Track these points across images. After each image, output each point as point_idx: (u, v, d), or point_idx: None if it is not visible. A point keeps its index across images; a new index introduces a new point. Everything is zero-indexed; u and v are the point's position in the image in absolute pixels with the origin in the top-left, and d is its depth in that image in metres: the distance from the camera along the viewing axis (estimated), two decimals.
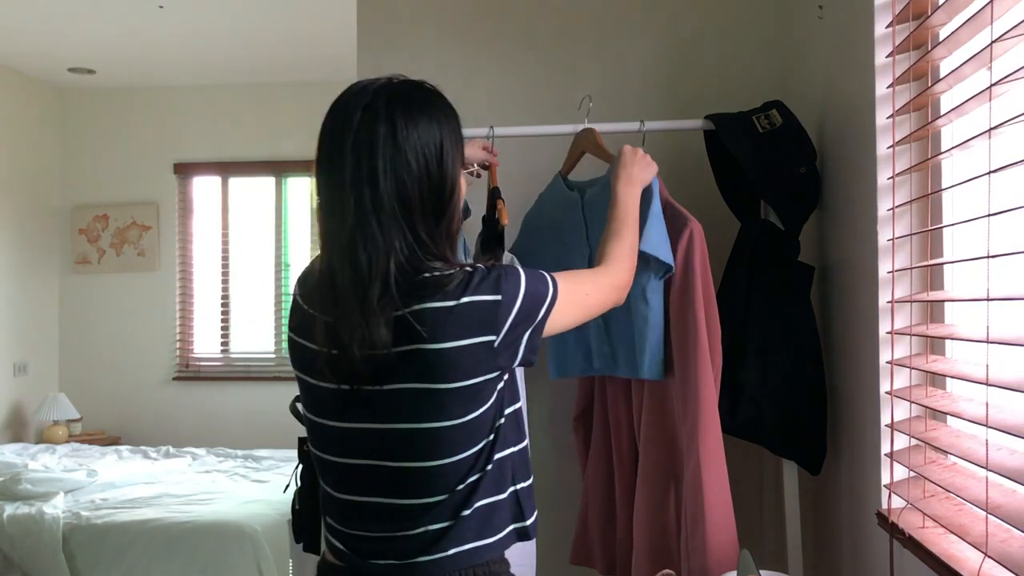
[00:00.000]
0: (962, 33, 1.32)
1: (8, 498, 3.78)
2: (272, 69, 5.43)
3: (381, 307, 1.15)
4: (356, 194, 1.17)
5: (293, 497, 2.16)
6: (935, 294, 1.49)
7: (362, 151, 1.17)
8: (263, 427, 5.44)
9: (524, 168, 2.23)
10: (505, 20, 2.49)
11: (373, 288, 1.15)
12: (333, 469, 1.28)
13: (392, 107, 1.19)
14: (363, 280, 1.16)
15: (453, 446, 1.21)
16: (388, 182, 1.16)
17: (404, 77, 1.26)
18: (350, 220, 1.17)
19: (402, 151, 1.17)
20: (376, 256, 1.16)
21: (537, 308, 1.26)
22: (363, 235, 1.16)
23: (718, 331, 1.83)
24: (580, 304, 1.38)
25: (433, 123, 1.21)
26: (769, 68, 2.36)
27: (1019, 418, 1.17)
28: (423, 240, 1.19)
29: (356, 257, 1.16)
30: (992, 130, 1.20)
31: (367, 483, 1.25)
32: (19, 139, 5.54)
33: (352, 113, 1.19)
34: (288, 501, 2.55)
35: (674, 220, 1.86)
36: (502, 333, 1.20)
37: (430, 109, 1.22)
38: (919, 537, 1.41)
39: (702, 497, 1.75)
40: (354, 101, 1.21)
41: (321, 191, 1.22)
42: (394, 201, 1.17)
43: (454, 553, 1.22)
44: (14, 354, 5.46)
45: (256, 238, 5.90)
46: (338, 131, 1.20)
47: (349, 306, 1.16)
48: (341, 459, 1.27)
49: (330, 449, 1.28)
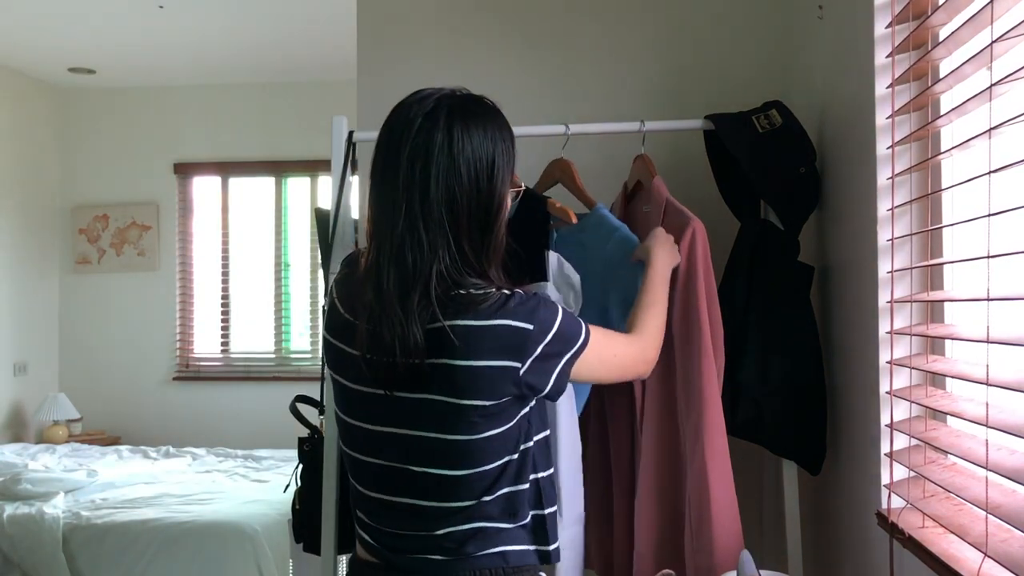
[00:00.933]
0: (962, 33, 1.32)
1: (8, 498, 3.78)
2: (272, 69, 5.43)
3: (420, 310, 1.18)
4: (408, 198, 1.20)
5: (293, 497, 2.15)
6: (935, 294, 1.49)
7: (417, 157, 1.20)
8: (263, 427, 5.44)
9: (524, 169, 2.22)
10: (505, 20, 2.49)
11: (416, 290, 1.18)
12: (363, 468, 1.31)
13: (451, 117, 1.22)
14: (407, 281, 1.19)
15: (474, 458, 1.24)
16: (439, 190, 1.20)
17: (467, 90, 1.29)
18: (401, 223, 1.20)
19: (456, 161, 1.20)
20: (421, 260, 1.19)
21: (567, 347, 1.28)
22: (412, 238, 1.19)
23: (721, 330, 1.84)
24: (607, 362, 1.40)
25: (488, 138, 1.24)
26: (769, 68, 2.36)
27: (1019, 418, 1.16)
28: (465, 252, 1.22)
29: (403, 258, 1.19)
30: (992, 130, 1.20)
31: (396, 484, 1.28)
32: (19, 139, 5.54)
33: (412, 119, 1.22)
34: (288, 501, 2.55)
35: (676, 219, 1.86)
36: (527, 362, 1.22)
37: (487, 124, 1.25)
38: (919, 537, 1.41)
39: (708, 496, 1.76)
40: (415, 108, 1.24)
41: (374, 193, 1.25)
42: (443, 209, 1.20)
43: (482, 555, 1.26)
44: (14, 354, 5.47)
45: (256, 238, 5.90)
46: (396, 135, 1.23)
47: (392, 306, 1.19)
48: (371, 459, 1.30)
49: (361, 449, 1.31)
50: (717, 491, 1.76)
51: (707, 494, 1.76)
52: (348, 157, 2.06)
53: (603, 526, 2.10)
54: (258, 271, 5.91)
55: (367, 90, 2.52)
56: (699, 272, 1.80)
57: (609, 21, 2.44)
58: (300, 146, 5.67)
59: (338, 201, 2.04)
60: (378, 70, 2.52)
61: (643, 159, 2.02)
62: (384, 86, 2.45)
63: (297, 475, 2.13)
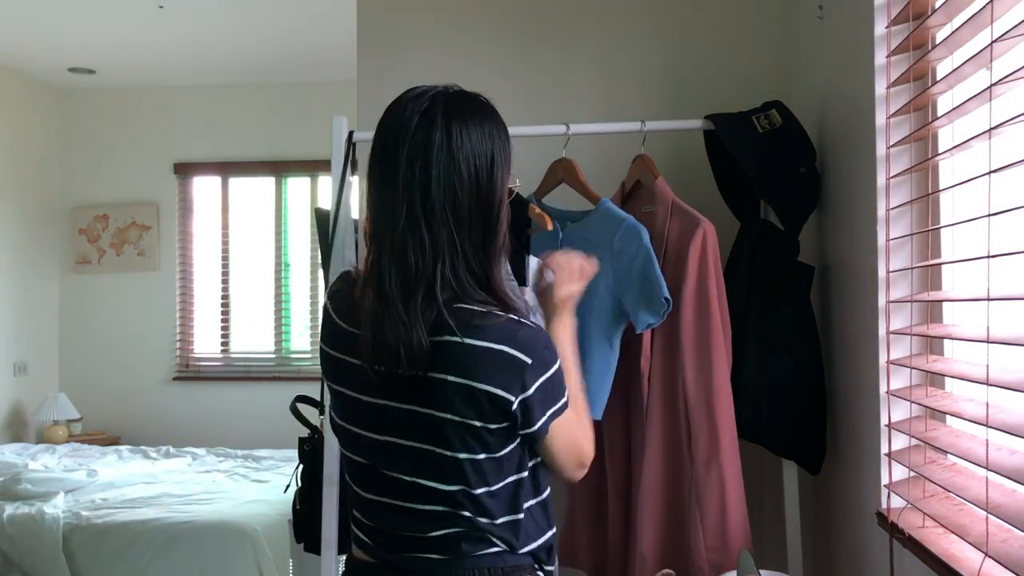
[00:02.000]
0: (962, 33, 1.32)
1: (8, 498, 3.78)
2: (272, 69, 5.43)
3: (423, 311, 1.17)
4: (408, 198, 1.18)
5: (293, 497, 2.15)
6: (935, 294, 1.49)
7: (417, 156, 1.19)
8: (263, 427, 5.43)
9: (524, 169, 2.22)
10: (505, 20, 2.49)
11: (419, 291, 1.17)
12: (363, 472, 1.30)
13: (449, 115, 1.20)
14: (410, 281, 1.17)
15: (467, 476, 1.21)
16: (440, 189, 1.18)
17: (459, 87, 1.27)
18: (402, 223, 1.18)
19: (456, 159, 1.19)
20: (424, 260, 1.17)
21: (558, 395, 1.25)
22: (414, 238, 1.18)
23: (729, 329, 1.85)
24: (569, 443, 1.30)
25: (486, 135, 1.23)
26: (769, 68, 2.36)
27: (1019, 418, 1.17)
28: (467, 253, 1.20)
29: (406, 258, 1.18)
30: (992, 130, 1.20)
31: (394, 489, 1.26)
32: (19, 139, 5.54)
33: (409, 118, 1.21)
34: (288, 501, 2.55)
35: (684, 220, 1.87)
36: (519, 398, 1.19)
37: (484, 121, 1.24)
38: (919, 537, 1.41)
39: (724, 497, 1.77)
40: (411, 106, 1.22)
41: (373, 193, 1.23)
42: (445, 208, 1.18)
43: (479, 554, 1.24)
44: (14, 354, 5.46)
45: (256, 238, 5.89)
46: (393, 135, 1.21)
47: (395, 307, 1.17)
48: (369, 464, 1.28)
49: (359, 454, 1.30)
50: (731, 491, 1.77)
51: (723, 495, 1.77)
52: (348, 157, 2.06)
53: (595, 526, 2.10)
54: (258, 271, 5.90)
55: (367, 90, 2.52)
56: (711, 273, 1.82)
57: (609, 21, 2.44)
58: (300, 146, 5.66)
59: (338, 201, 2.04)
60: (378, 70, 2.52)
61: (643, 159, 2.02)
62: (384, 86, 2.43)
63: (297, 475, 2.13)
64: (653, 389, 1.91)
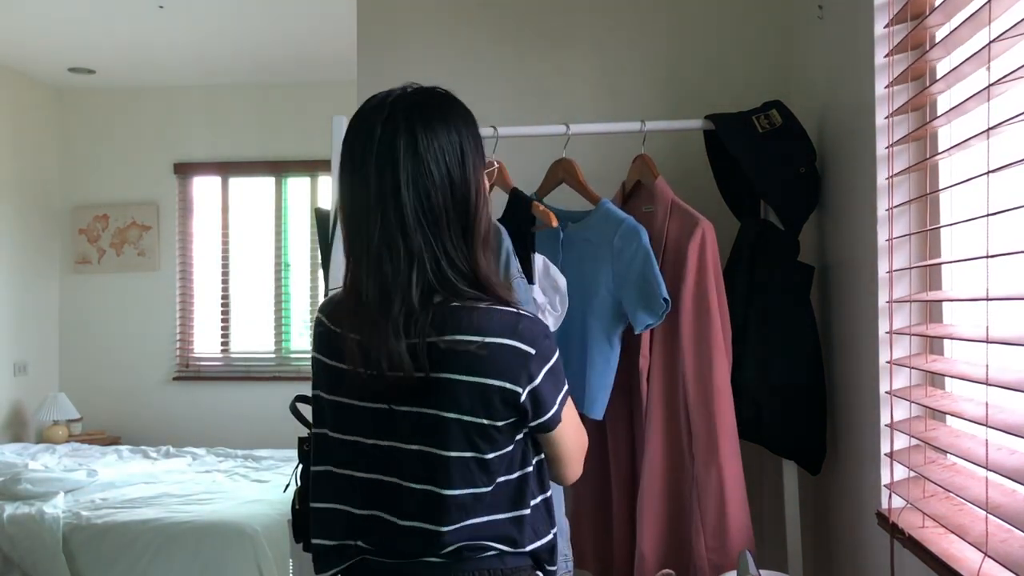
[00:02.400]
0: (960, 33, 1.32)
1: (8, 498, 3.78)
2: (272, 69, 5.43)
3: (403, 321, 1.15)
4: (381, 209, 1.17)
5: (293, 497, 2.14)
6: (934, 294, 1.49)
7: (385, 166, 1.17)
8: (263, 427, 5.43)
9: (524, 169, 2.23)
10: (505, 20, 2.49)
11: (395, 302, 1.16)
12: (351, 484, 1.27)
13: (411, 119, 1.19)
14: (388, 294, 1.16)
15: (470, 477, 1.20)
16: (410, 194, 1.17)
17: (417, 85, 1.26)
18: (376, 236, 1.17)
19: (424, 162, 1.17)
20: (400, 269, 1.16)
21: (562, 382, 1.25)
22: (389, 249, 1.17)
23: (729, 329, 1.85)
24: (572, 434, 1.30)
25: (452, 129, 1.21)
26: (769, 68, 2.36)
27: (1019, 418, 1.17)
28: (449, 251, 1.19)
29: (382, 272, 1.17)
30: (991, 130, 1.20)
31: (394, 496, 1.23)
32: (19, 139, 5.53)
33: (372, 129, 1.19)
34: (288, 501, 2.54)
35: (684, 220, 1.87)
36: (527, 389, 1.19)
37: (447, 115, 1.22)
38: (919, 537, 1.41)
39: (725, 497, 1.77)
40: (373, 117, 1.21)
41: (345, 208, 1.22)
42: (419, 213, 1.17)
43: (480, 557, 1.23)
44: (14, 354, 5.46)
45: (256, 238, 5.89)
46: (359, 148, 1.20)
47: (374, 321, 1.16)
48: (362, 474, 1.25)
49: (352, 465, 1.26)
50: (731, 491, 1.78)
51: (723, 495, 1.77)
52: None
53: (600, 528, 2.10)
54: (258, 271, 5.90)
55: (367, 90, 2.51)
56: (710, 272, 1.83)
57: (609, 21, 2.44)
58: (300, 146, 5.66)
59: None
60: (378, 70, 2.52)
61: (643, 159, 2.02)
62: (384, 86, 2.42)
63: (297, 475, 2.12)
64: (653, 389, 1.91)
